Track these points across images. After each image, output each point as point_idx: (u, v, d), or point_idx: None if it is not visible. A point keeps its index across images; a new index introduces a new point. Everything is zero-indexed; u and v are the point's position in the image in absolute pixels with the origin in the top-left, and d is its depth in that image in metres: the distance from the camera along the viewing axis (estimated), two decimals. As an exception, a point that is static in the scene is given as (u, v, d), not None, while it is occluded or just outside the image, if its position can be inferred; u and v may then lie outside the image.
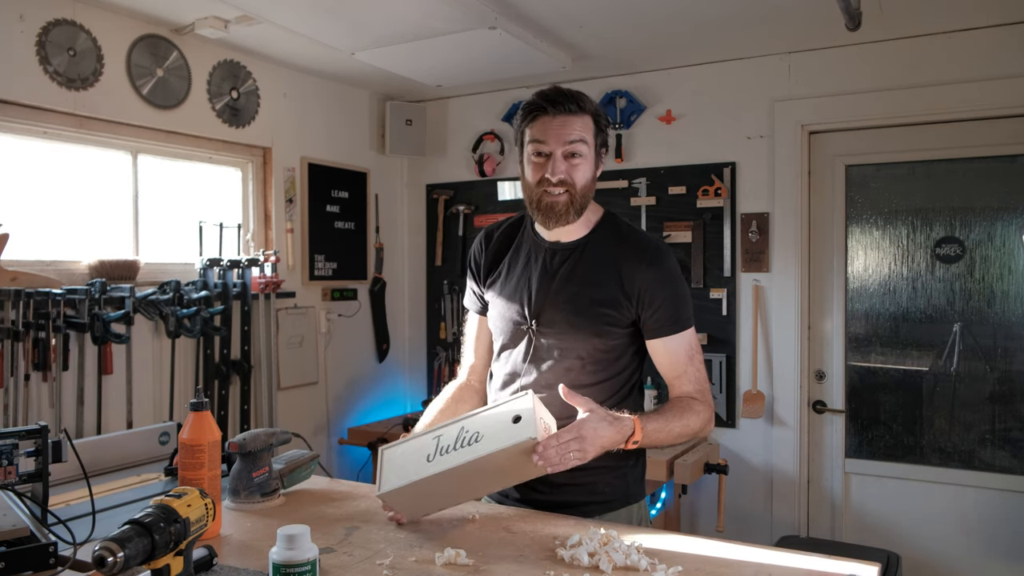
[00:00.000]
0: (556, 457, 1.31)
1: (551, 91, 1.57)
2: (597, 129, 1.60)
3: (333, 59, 3.35)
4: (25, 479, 1.36)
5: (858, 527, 3.28)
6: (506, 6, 2.72)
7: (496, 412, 1.40)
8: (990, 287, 3.07)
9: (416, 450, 1.42)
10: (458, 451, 1.36)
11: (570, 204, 1.57)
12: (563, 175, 1.55)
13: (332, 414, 3.80)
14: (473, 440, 1.36)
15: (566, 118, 1.55)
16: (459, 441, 1.37)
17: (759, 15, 2.86)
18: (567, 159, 1.56)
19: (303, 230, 3.61)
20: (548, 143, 1.55)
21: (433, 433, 1.44)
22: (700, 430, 1.59)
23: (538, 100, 1.57)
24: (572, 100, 1.55)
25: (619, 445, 1.44)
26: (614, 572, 1.20)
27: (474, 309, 1.82)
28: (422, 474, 1.36)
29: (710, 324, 3.44)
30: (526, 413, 1.34)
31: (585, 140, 1.56)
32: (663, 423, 1.52)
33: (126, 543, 0.99)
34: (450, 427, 1.42)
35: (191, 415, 1.39)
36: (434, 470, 1.35)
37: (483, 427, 1.37)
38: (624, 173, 3.62)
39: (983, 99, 2.96)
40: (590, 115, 1.58)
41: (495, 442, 1.33)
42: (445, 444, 1.39)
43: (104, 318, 2.64)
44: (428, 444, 1.41)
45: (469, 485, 1.43)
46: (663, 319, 1.58)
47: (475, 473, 1.36)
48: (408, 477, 1.37)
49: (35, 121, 2.63)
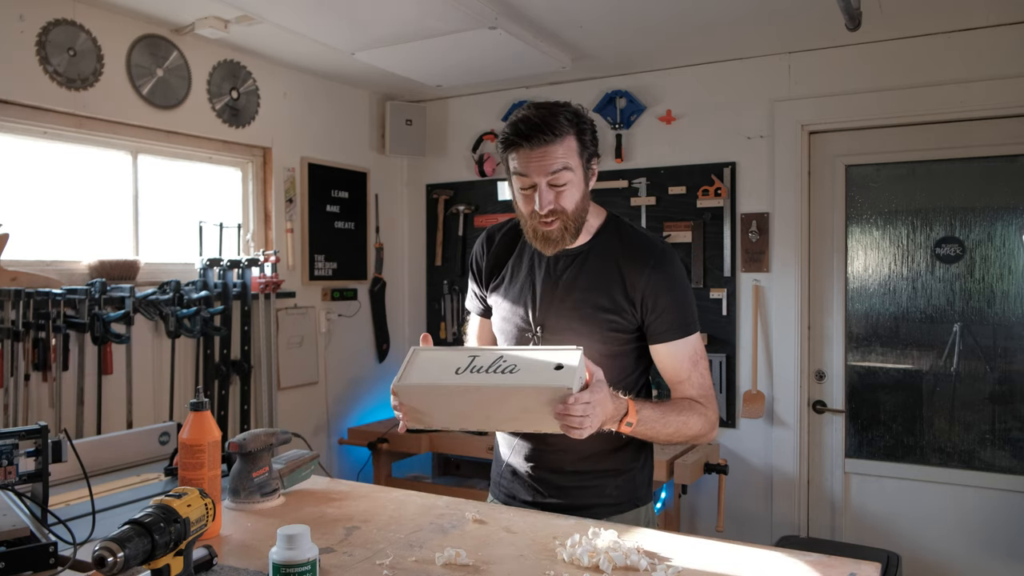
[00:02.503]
0: (577, 420, 1.31)
1: (523, 123, 1.50)
2: (582, 146, 1.54)
3: (333, 59, 3.35)
4: (25, 479, 1.36)
5: (858, 527, 3.28)
6: (506, 6, 2.72)
7: (540, 354, 1.39)
8: (990, 287, 3.07)
9: (447, 359, 1.41)
10: (489, 375, 1.35)
11: (564, 230, 1.55)
12: (551, 205, 1.52)
13: (332, 414, 3.80)
14: (508, 370, 1.35)
15: (545, 148, 1.49)
16: (494, 366, 1.37)
17: (759, 15, 2.86)
18: (553, 188, 1.52)
19: (303, 230, 3.61)
20: (530, 176, 1.52)
21: (470, 352, 1.43)
22: (701, 432, 1.56)
23: (512, 136, 1.52)
24: (547, 129, 1.48)
25: (614, 423, 1.43)
26: (614, 572, 1.20)
27: (476, 312, 1.82)
28: (444, 382, 1.35)
29: (710, 324, 3.44)
30: (569, 365, 1.33)
31: (568, 166, 1.51)
32: (659, 413, 1.50)
33: (126, 543, 0.99)
34: (489, 352, 1.41)
35: (191, 415, 1.39)
36: (458, 382, 1.35)
37: (522, 362, 1.36)
38: (624, 173, 3.62)
39: (983, 99, 2.96)
40: (571, 134, 1.52)
41: (530, 378, 1.32)
42: (479, 364, 1.38)
43: (104, 318, 2.64)
44: (461, 359, 1.40)
45: (484, 413, 1.40)
46: (666, 324, 1.57)
47: (496, 402, 1.35)
48: (429, 379, 1.37)
49: (35, 121, 2.63)
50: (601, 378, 1.39)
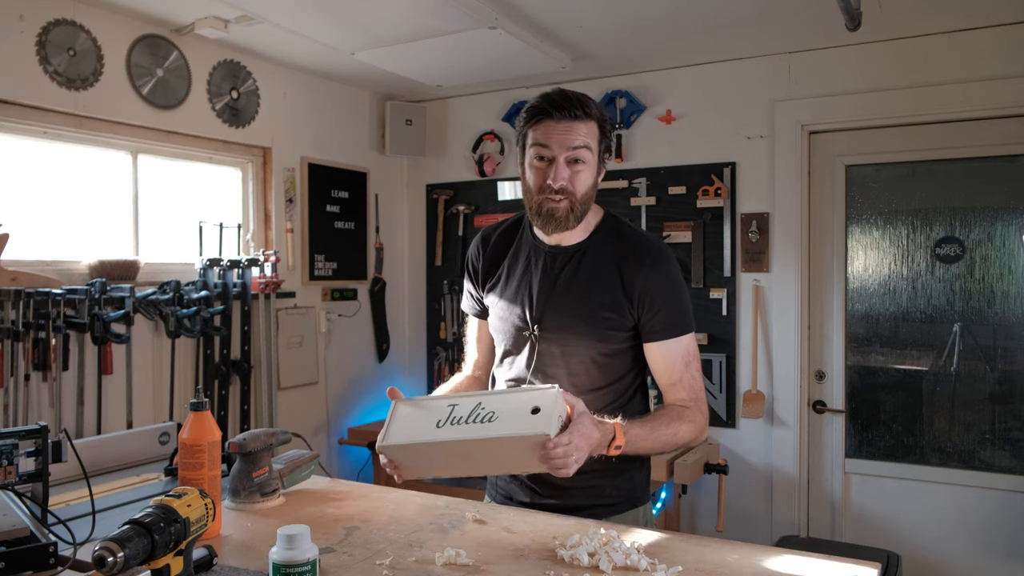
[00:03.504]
0: (560, 460, 1.30)
1: (556, 94, 1.53)
2: (602, 135, 1.56)
3: (333, 59, 3.35)
4: (25, 479, 1.36)
5: (858, 527, 3.28)
6: (506, 6, 2.72)
7: (517, 397, 1.38)
8: (990, 287, 3.07)
9: (428, 412, 1.42)
10: (469, 425, 1.35)
11: (570, 211, 1.55)
12: (565, 182, 1.52)
13: (332, 414, 3.80)
14: (487, 419, 1.35)
15: (571, 123, 1.51)
16: (473, 415, 1.36)
17: (759, 15, 2.86)
18: (570, 165, 1.53)
19: (303, 230, 3.61)
20: (551, 148, 1.52)
21: (450, 400, 1.43)
22: (691, 439, 1.56)
23: (543, 104, 1.53)
24: (578, 105, 1.51)
25: (602, 450, 1.42)
26: (614, 572, 1.20)
27: (472, 313, 1.82)
28: (426, 438, 1.35)
29: (710, 324, 3.44)
30: (547, 407, 1.32)
31: (589, 147, 1.53)
32: (648, 430, 1.50)
33: (126, 543, 0.99)
34: (468, 399, 1.41)
35: (191, 415, 1.39)
36: (439, 437, 1.35)
37: (500, 408, 1.36)
38: (624, 173, 3.62)
39: (983, 99, 2.96)
40: (595, 121, 1.54)
41: (507, 427, 1.32)
42: (459, 415, 1.37)
43: (104, 318, 2.64)
44: (441, 409, 1.40)
45: (470, 461, 1.41)
46: (661, 323, 1.57)
47: (479, 452, 1.35)
48: (412, 437, 1.37)
49: (35, 121, 2.63)
50: (583, 410, 1.37)
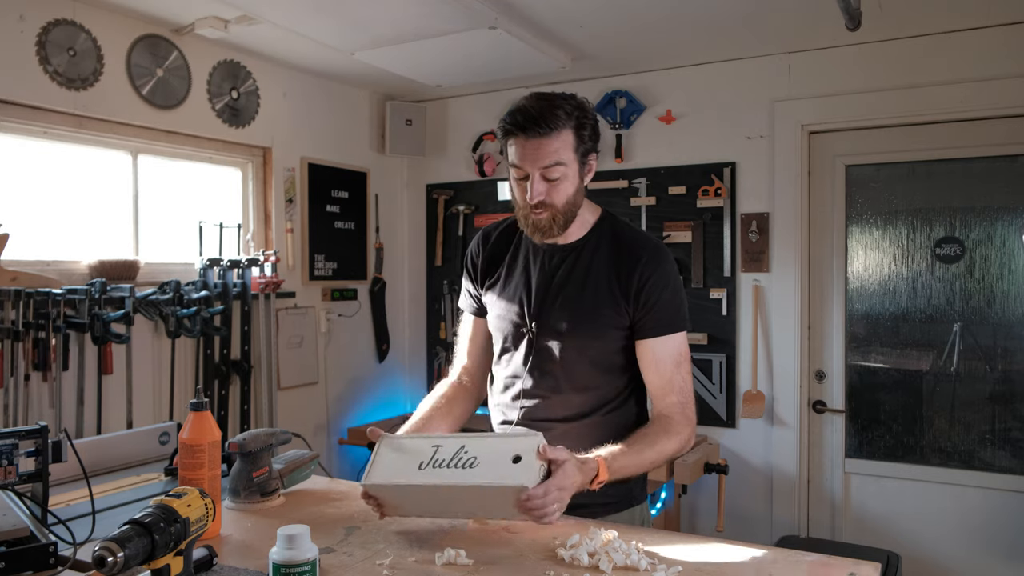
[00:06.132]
0: (538, 512, 1.29)
1: (522, 113, 1.50)
2: (579, 141, 1.53)
3: (333, 59, 3.35)
4: (25, 479, 1.36)
5: (858, 527, 3.28)
6: (506, 6, 2.72)
7: (499, 443, 1.38)
8: (990, 287, 3.07)
9: (412, 452, 1.41)
10: (450, 470, 1.34)
11: (553, 221, 1.56)
12: (541, 197, 1.53)
13: (332, 414, 3.80)
14: (468, 464, 1.34)
15: (539, 141, 1.49)
16: (455, 460, 1.35)
17: (759, 15, 2.86)
18: (545, 180, 1.52)
19: (303, 230, 3.61)
20: (523, 167, 1.52)
21: (434, 440, 1.42)
22: (677, 451, 1.56)
23: (510, 123, 1.52)
24: (544, 121, 1.48)
25: (585, 487, 1.40)
26: (614, 572, 1.20)
27: (469, 311, 1.81)
28: (407, 481, 1.35)
29: (710, 324, 3.44)
30: (527, 456, 1.31)
31: (562, 161, 1.51)
32: (633, 455, 1.48)
33: (126, 543, 0.99)
34: (452, 441, 1.40)
35: (191, 415, 1.39)
36: (420, 481, 1.34)
37: (482, 454, 1.35)
38: (624, 173, 3.62)
39: (983, 99, 2.96)
40: (569, 128, 1.51)
41: (487, 476, 1.31)
42: (441, 457, 1.37)
43: (104, 318, 2.64)
44: (425, 451, 1.40)
45: (451, 508, 1.40)
46: (654, 320, 1.57)
47: (459, 498, 1.35)
48: (393, 478, 1.37)
49: (35, 121, 2.62)
50: (565, 457, 1.34)
